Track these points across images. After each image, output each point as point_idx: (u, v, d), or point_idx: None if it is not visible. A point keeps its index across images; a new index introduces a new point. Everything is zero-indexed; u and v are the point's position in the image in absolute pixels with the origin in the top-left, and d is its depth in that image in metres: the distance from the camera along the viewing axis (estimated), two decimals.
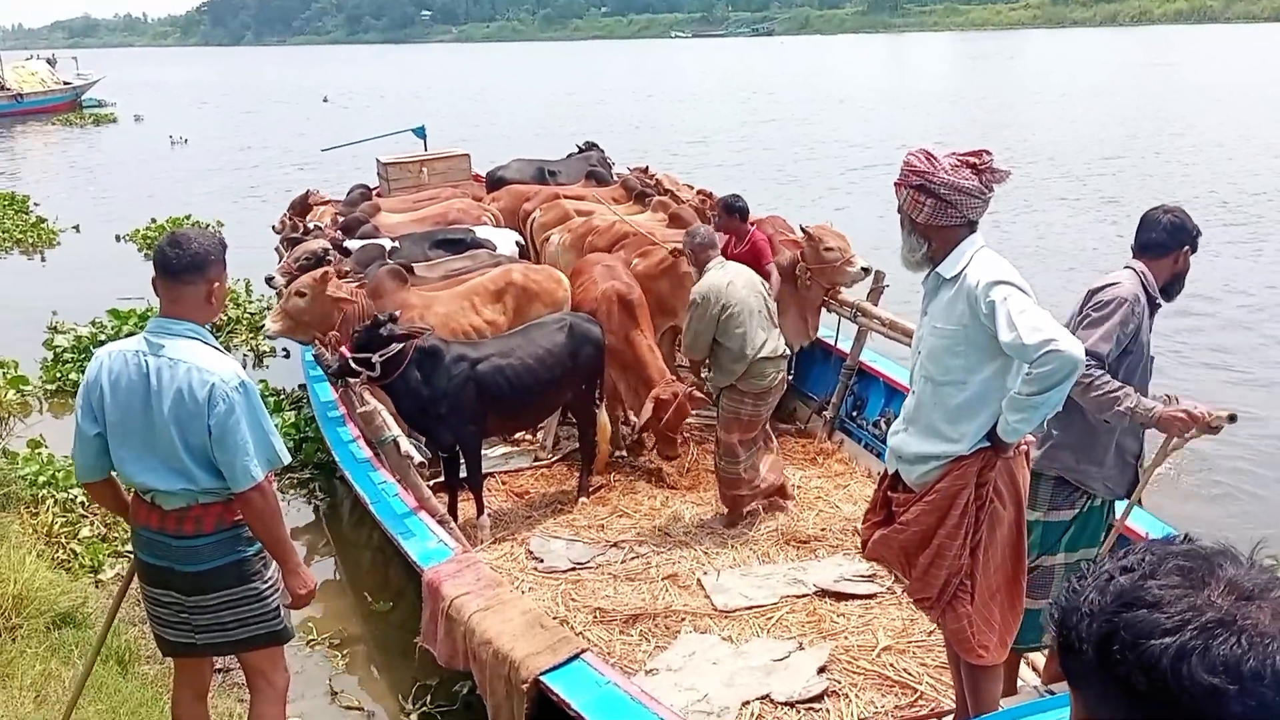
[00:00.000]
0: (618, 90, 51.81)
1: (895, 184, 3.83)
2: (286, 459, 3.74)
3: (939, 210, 3.71)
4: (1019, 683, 4.67)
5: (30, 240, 18.42)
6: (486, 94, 51.23)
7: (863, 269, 7.62)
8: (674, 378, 7.16)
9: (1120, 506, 4.50)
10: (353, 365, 6.23)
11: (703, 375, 7.15)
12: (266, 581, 3.70)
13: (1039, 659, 4.83)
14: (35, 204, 20.49)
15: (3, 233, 18.65)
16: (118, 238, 17.82)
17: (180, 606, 3.63)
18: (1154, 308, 4.34)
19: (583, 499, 6.99)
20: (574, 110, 40.30)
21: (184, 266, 3.56)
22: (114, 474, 3.72)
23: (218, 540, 3.59)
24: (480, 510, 6.62)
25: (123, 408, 3.54)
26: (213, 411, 3.47)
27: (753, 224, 7.78)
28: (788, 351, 6.62)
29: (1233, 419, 4.07)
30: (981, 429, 3.76)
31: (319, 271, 7.30)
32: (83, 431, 3.59)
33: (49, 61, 51.32)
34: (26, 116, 44.37)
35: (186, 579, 3.59)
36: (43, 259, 17.68)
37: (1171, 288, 4.38)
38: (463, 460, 6.73)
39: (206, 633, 3.66)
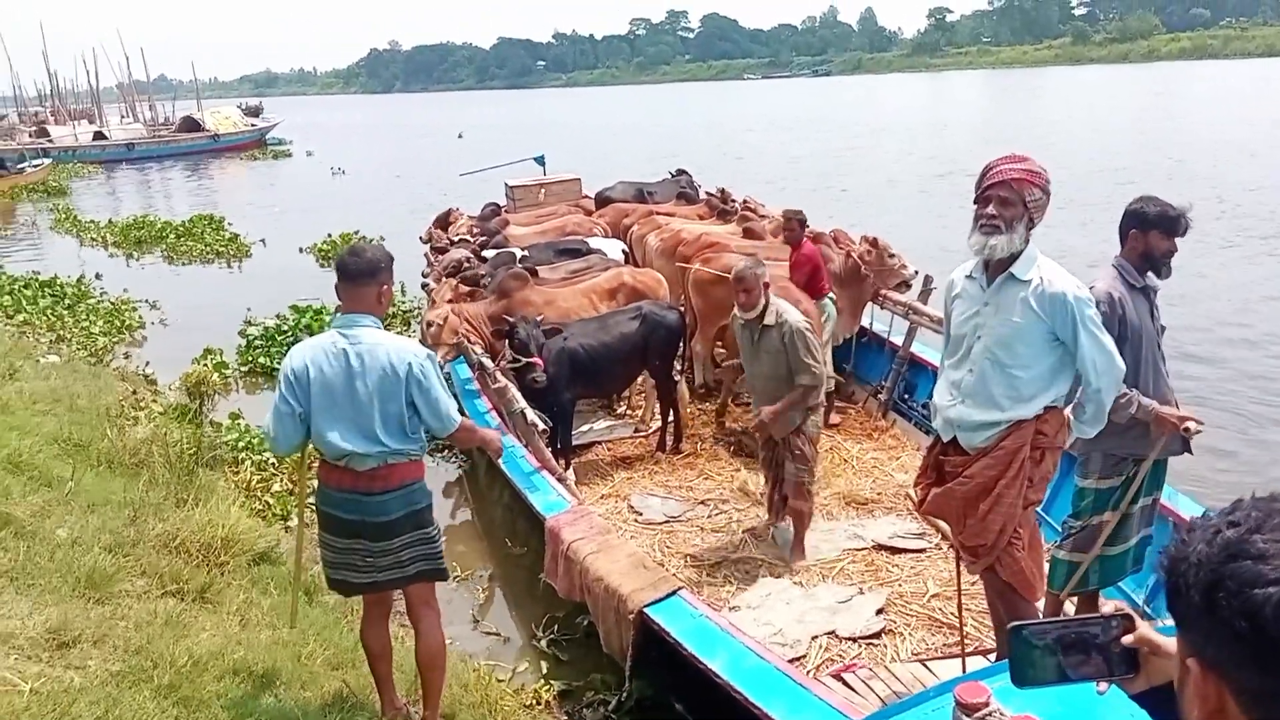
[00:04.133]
0: (700, 124, 51.56)
1: (1030, 182, 3.60)
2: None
3: (1043, 213, 3.67)
4: None
5: (230, 253, 18.94)
6: (592, 128, 51.34)
7: (914, 271, 7.65)
8: None
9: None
10: (521, 364, 6.44)
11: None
12: (434, 527, 3.80)
13: (1070, 608, 4.71)
14: (229, 223, 21.04)
15: (205, 246, 19.23)
16: (300, 249, 18.23)
17: (368, 552, 3.69)
18: (1143, 291, 4.15)
19: (674, 458, 7.05)
20: (664, 141, 40.16)
21: (360, 272, 3.68)
22: (307, 445, 3.80)
23: (401, 494, 3.67)
24: (567, 466, 6.65)
25: (329, 389, 3.61)
26: (413, 381, 3.60)
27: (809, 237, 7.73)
28: None
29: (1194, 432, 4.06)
30: (1045, 401, 3.70)
31: (444, 312, 7.38)
32: (283, 413, 3.63)
33: (248, 110, 52.68)
34: (221, 153, 45.63)
35: (377, 528, 3.65)
36: (240, 267, 18.17)
37: (1156, 268, 4.14)
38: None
39: (387, 570, 3.72)
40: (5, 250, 19.97)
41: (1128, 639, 1.44)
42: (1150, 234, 4.10)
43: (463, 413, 4.47)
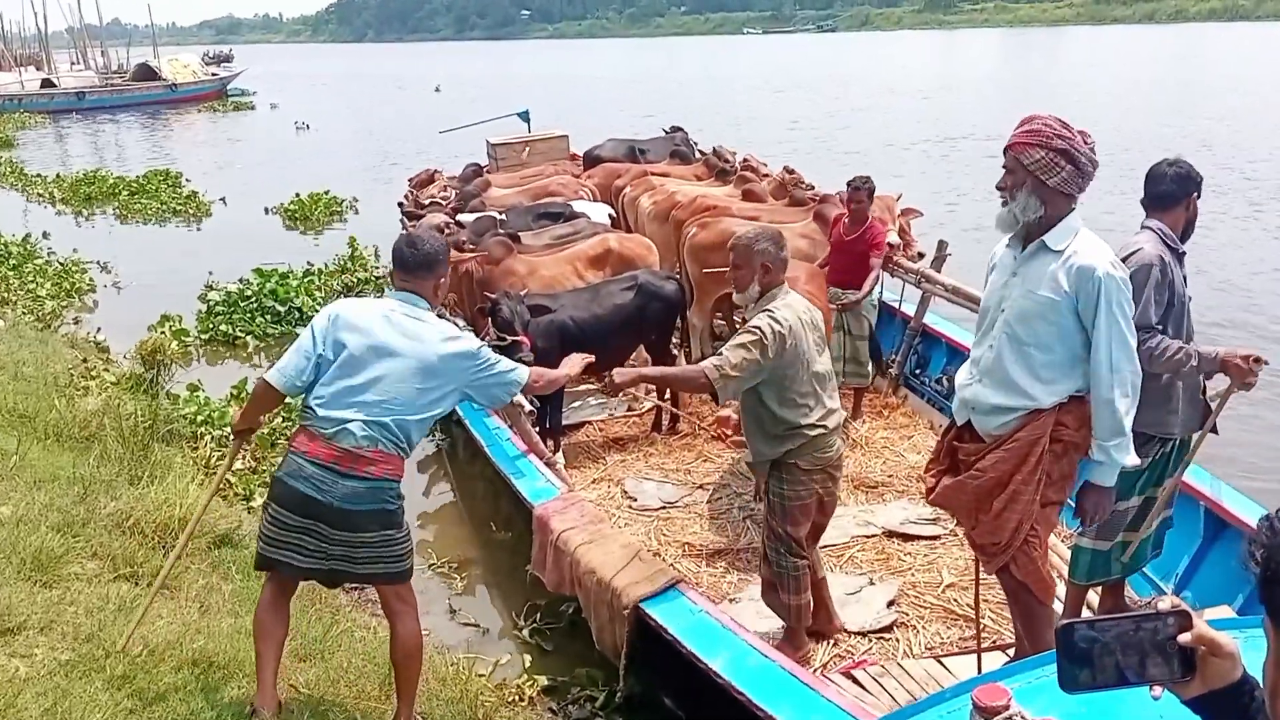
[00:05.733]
0: (695, 81, 51.28)
1: (1027, 144, 3.50)
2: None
3: (1072, 178, 3.48)
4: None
5: (189, 211, 18.76)
6: (580, 83, 50.99)
7: (888, 244, 7.28)
8: None
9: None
10: (507, 343, 6.26)
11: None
12: (402, 531, 3.67)
13: (1093, 598, 4.69)
14: (187, 180, 20.82)
15: (161, 204, 19.03)
16: (266, 210, 18.09)
17: (322, 537, 3.56)
18: (1180, 257, 4.13)
19: (671, 439, 6.98)
20: (657, 97, 39.91)
21: (418, 264, 3.72)
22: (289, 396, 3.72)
23: (378, 486, 3.56)
24: (556, 449, 6.58)
25: (369, 349, 3.58)
26: (465, 366, 3.66)
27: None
28: (844, 413, 4.71)
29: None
30: (1067, 391, 3.57)
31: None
32: (304, 349, 3.61)
33: (211, 59, 52.42)
34: (179, 104, 45.16)
35: (339, 515, 3.52)
36: (199, 227, 18.00)
37: (1185, 232, 4.17)
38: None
39: (338, 561, 3.61)
40: None
41: (1185, 637, 1.38)
42: (1196, 199, 4.12)
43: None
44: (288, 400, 4.19)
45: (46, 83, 44.59)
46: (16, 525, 4.55)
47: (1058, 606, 4.26)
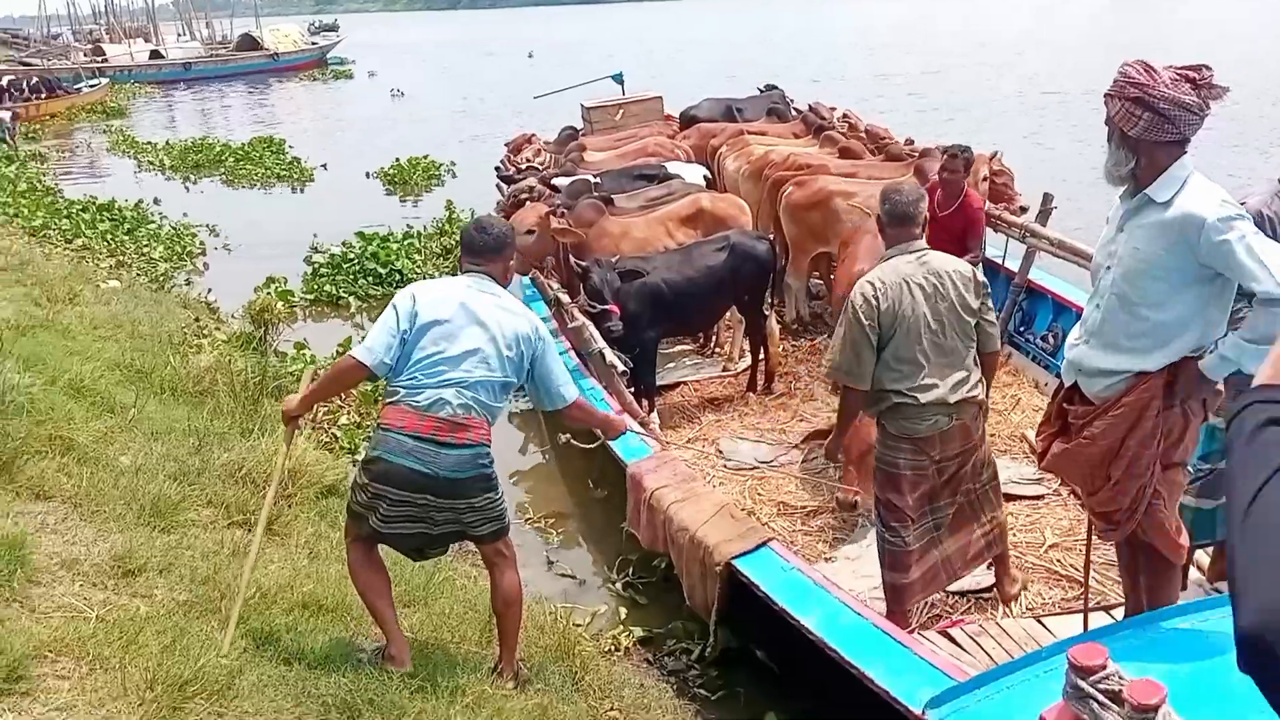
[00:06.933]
0: (789, 38, 50.45)
1: (1107, 95, 3.35)
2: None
3: (1155, 125, 3.26)
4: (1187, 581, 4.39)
5: (293, 176, 19.21)
6: (673, 44, 50.53)
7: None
8: None
9: None
10: (597, 310, 6.34)
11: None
12: (498, 492, 3.75)
13: (1203, 558, 4.55)
14: (290, 146, 21.27)
15: (265, 170, 19.51)
16: (367, 174, 18.42)
17: (431, 506, 3.61)
18: None
19: (766, 399, 6.94)
20: (749, 57, 39.32)
21: (486, 247, 3.86)
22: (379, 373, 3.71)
23: (476, 452, 3.61)
24: (651, 409, 6.58)
25: (459, 322, 3.66)
26: (536, 346, 3.75)
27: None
28: (977, 394, 4.16)
29: None
30: (1177, 353, 3.38)
31: (543, 210, 7.26)
32: (390, 327, 3.65)
33: (317, 28, 53.68)
34: (280, 73, 46.09)
35: (448, 484, 3.58)
36: (303, 192, 18.42)
37: None
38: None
39: (444, 525, 3.68)
40: (63, 173, 20.49)
41: None
42: None
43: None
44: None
45: (155, 54, 45.96)
46: (136, 474, 4.74)
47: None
